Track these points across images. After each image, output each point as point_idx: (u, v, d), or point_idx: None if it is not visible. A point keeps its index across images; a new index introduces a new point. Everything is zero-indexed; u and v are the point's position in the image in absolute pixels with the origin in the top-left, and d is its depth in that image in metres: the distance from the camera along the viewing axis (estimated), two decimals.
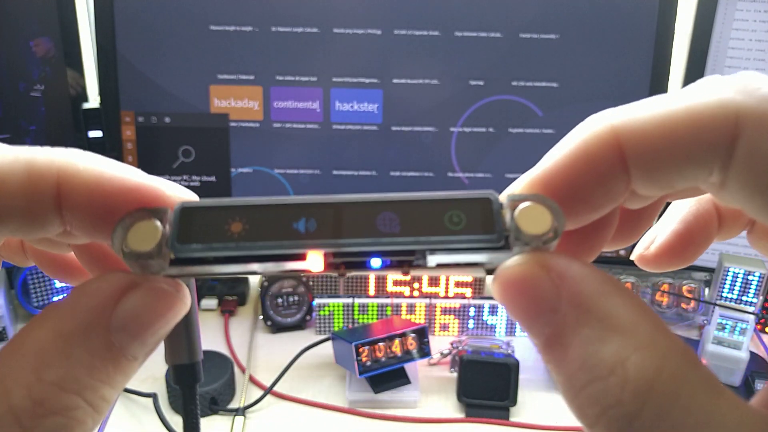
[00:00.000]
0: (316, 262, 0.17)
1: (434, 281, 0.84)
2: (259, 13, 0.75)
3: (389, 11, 0.75)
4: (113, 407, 0.67)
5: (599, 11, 0.75)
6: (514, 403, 0.68)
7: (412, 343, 0.70)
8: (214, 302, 0.88)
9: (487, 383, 0.68)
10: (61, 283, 0.83)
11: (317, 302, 0.81)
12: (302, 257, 0.17)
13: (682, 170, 0.16)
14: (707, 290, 0.85)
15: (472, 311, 0.81)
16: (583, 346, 0.15)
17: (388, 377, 0.69)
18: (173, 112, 0.79)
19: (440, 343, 0.78)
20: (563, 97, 0.77)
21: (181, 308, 0.18)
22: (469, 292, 0.83)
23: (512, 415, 0.68)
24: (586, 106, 0.77)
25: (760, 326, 0.84)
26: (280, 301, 0.83)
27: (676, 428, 0.14)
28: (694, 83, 0.17)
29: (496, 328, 0.81)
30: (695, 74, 0.79)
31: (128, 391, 0.69)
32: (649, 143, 0.16)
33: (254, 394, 0.70)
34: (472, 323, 0.81)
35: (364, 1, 0.75)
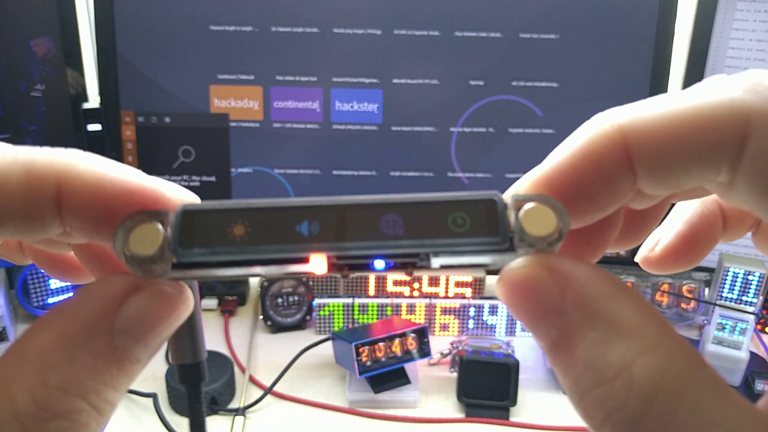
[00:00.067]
0: (319, 264, 0.17)
1: (434, 281, 0.84)
2: (259, 13, 0.75)
3: (389, 11, 0.75)
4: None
5: (599, 11, 0.75)
6: (514, 403, 0.68)
7: (412, 343, 0.70)
8: (214, 302, 0.88)
9: (487, 383, 0.68)
10: (60, 282, 0.83)
11: (317, 302, 0.81)
12: (305, 260, 0.17)
13: (690, 170, 0.16)
14: (707, 290, 0.85)
15: (472, 311, 0.81)
16: (588, 348, 0.15)
17: (388, 377, 0.69)
18: (173, 112, 0.79)
19: (440, 343, 0.78)
20: (563, 97, 0.77)
21: (184, 310, 0.18)
22: (469, 292, 0.83)
23: (512, 415, 0.68)
24: (586, 106, 0.77)
25: (760, 326, 0.84)
26: (280, 301, 0.83)
27: (681, 431, 0.13)
28: (700, 82, 0.16)
29: (496, 328, 0.81)
30: (695, 74, 0.79)
31: (128, 391, 0.69)
32: (656, 143, 0.16)
33: (254, 394, 0.70)
34: (472, 323, 0.81)
35: (364, 1, 0.75)
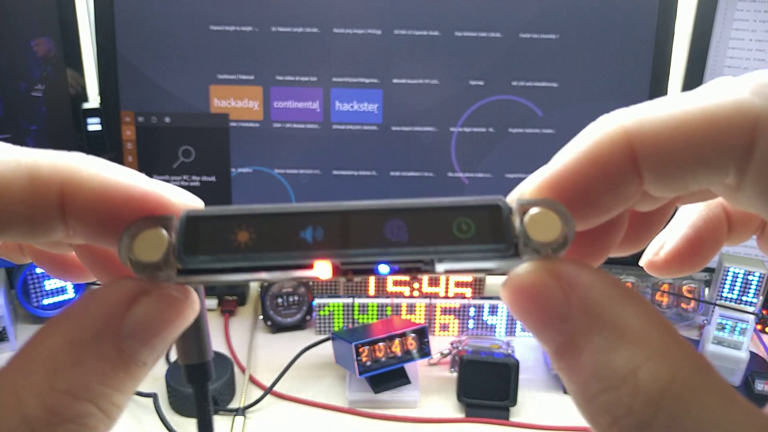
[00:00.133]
0: (324, 270, 0.17)
1: (434, 281, 0.84)
2: (259, 13, 0.75)
3: (389, 11, 0.75)
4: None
5: (599, 11, 0.75)
6: (514, 403, 0.68)
7: (412, 343, 0.70)
8: (214, 302, 0.88)
9: (487, 383, 0.68)
10: (60, 282, 0.83)
11: (317, 302, 0.81)
12: (310, 266, 0.17)
13: (697, 173, 0.16)
14: (707, 290, 0.85)
15: (472, 311, 0.81)
16: (594, 354, 0.15)
17: (388, 377, 0.69)
18: (173, 112, 0.79)
19: (440, 343, 0.78)
20: (563, 97, 0.77)
21: (190, 314, 0.18)
22: (469, 292, 0.83)
23: (512, 415, 0.68)
24: (586, 106, 0.77)
25: (760, 326, 0.84)
26: (280, 301, 0.83)
27: None
28: (705, 84, 0.16)
29: (496, 328, 0.81)
30: (695, 74, 0.79)
31: None
32: (663, 146, 0.16)
33: (254, 394, 0.70)
34: (472, 323, 0.81)
35: (364, 1, 0.75)
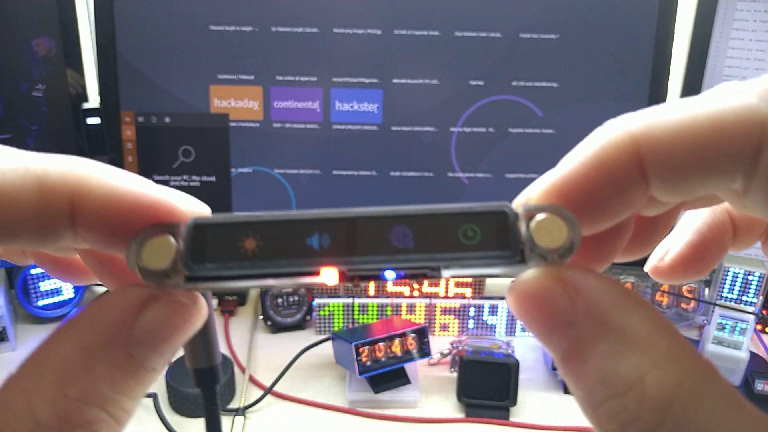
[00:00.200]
0: (330, 276, 0.17)
1: (434, 282, 0.84)
2: (259, 13, 0.75)
3: (389, 11, 0.75)
4: None
5: (599, 11, 0.75)
6: (514, 403, 0.68)
7: (412, 343, 0.70)
8: (214, 302, 0.88)
9: (487, 383, 0.68)
10: (60, 282, 0.83)
11: (317, 302, 0.81)
12: (317, 273, 0.17)
13: (704, 178, 0.16)
14: (707, 290, 0.85)
15: (472, 311, 0.81)
16: (600, 361, 0.15)
17: (388, 377, 0.69)
18: (173, 112, 0.79)
19: (440, 343, 0.78)
20: (563, 97, 0.77)
21: (198, 319, 0.18)
22: (469, 292, 0.83)
23: (512, 415, 0.68)
24: (586, 106, 0.77)
25: (760, 326, 0.84)
26: (280, 301, 0.83)
27: None
28: (712, 89, 0.16)
29: (496, 328, 0.81)
30: (695, 74, 0.79)
31: None
32: (670, 151, 0.16)
33: (254, 394, 0.70)
34: (472, 323, 0.81)
35: (364, 1, 0.75)
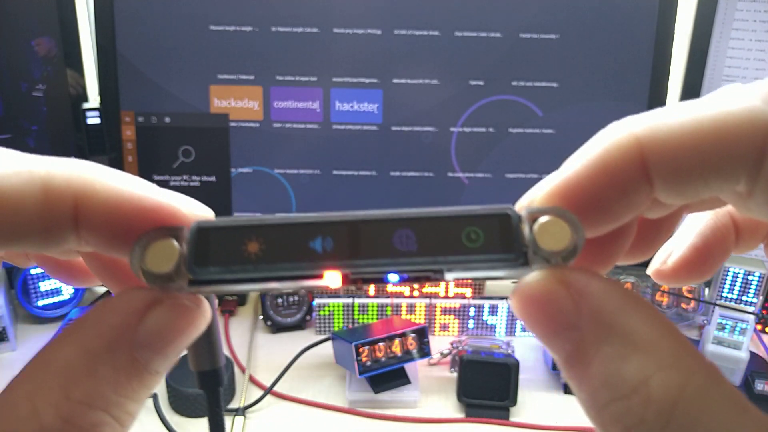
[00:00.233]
0: (334, 279, 0.17)
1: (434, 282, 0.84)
2: (259, 13, 0.75)
3: (389, 11, 0.75)
4: None
5: (599, 11, 0.75)
6: (514, 403, 0.68)
7: (412, 343, 0.70)
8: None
9: (487, 383, 0.68)
10: (60, 282, 0.83)
11: (317, 302, 0.81)
12: (320, 276, 0.17)
13: (708, 180, 0.16)
14: (707, 290, 0.85)
15: (472, 311, 0.81)
16: (604, 363, 0.15)
17: (388, 377, 0.69)
18: (173, 112, 0.79)
19: (440, 343, 0.78)
20: (563, 97, 0.77)
21: (202, 322, 0.18)
22: (469, 292, 0.83)
23: (512, 415, 0.68)
24: (586, 106, 0.77)
25: (760, 326, 0.84)
26: (280, 301, 0.83)
27: None
28: (716, 91, 0.16)
29: (496, 328, 0.81)
30: (695, 74, 0.79)
31: None
32: (675, 154, 0.16)
33: (254, 394, 0.70)
34: (472, 323, 0.81)
35: (364, 1, 0.75)
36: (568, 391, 0.72)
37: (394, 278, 0.17)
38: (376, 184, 0.80)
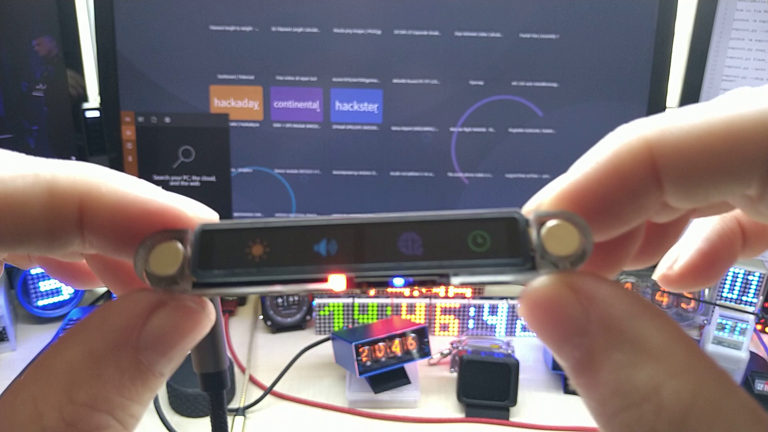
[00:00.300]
0: (338, 283, 0.17)
1: None
2: (259, 13, 0.75)
3: (389, 11, 0.75)
4: None
5: (599, 11, 0.75)
6: (514, 403, 0.68)
7: (412, 343, 0.70)
8: None
9: (487, 383, 0.68)
10: (59, 282, 0.83)
11: (317, 302, 0.81)
12: (324, 280, 0.17)
13: (719, 184, 0.16)
14: (707, 290, 0.85)
15: (472, 311, 0.81)
16: (614, 370, 0.14)
17: (388, 377, 0.69)
18: (173, 112, 0.79)
19: (440, 343, 0.78)
20: (563, 97, 0.77)
21: (206, 324, 0.18)
22: (469, 292, 0.83)
23: (512, 415, 0.68)
24: (586, 106, 0.77)
25: (760, 326, 0.84)
26: (280, 301, 0.83)
27: None
28: (726, 94, 0.16)
29: (496, 328, 0.81)
30: (695, 74, 0.79)
31: None
32: (685, 157, 0.15)
33: (254, 394, 0.70)
34: (472, 323, 0.81)
35: (364, 1, 0.75)
36: (568, 391, 0.72)
37: (399, 282, 0.17)
38: (376, 184, 0.80)
